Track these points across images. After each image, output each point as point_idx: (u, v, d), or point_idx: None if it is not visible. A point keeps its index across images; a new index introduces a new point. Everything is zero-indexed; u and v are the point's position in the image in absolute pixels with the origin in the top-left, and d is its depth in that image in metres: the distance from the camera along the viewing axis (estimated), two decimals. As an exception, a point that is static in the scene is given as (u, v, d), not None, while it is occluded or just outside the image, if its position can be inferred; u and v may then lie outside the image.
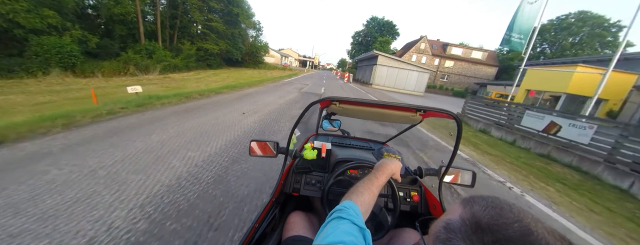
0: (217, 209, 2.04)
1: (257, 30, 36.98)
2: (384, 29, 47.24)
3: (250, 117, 5.23)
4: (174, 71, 16.36)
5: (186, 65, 18.44)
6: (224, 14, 25.97)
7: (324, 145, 1.33)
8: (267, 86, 12.28)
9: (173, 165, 2.74)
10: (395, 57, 21.49)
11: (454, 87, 33.21)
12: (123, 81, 10.91)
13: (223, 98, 7.37)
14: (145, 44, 16.01)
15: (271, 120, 5.20)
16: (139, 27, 15.93)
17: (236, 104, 6.62)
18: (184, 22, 21.70)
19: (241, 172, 2.74)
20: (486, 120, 7.64)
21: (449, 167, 1.15)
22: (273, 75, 21.10)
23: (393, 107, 1.04)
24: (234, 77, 17.82)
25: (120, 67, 12.11)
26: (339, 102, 1.07)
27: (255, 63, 34.88)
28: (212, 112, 5.39)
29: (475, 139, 6.33)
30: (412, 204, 1.19)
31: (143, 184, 2.31)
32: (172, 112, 5.22)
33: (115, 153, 2.89)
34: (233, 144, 3.59)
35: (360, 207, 0.62)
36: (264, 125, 4.76)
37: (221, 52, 25.78)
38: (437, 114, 1.05)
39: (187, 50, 18.91)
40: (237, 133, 4.12)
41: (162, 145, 3.29)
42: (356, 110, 1.19)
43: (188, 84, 11.47)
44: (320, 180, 1.22)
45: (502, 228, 0.32)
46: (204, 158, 3.00)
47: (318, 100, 1.09)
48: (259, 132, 4.37)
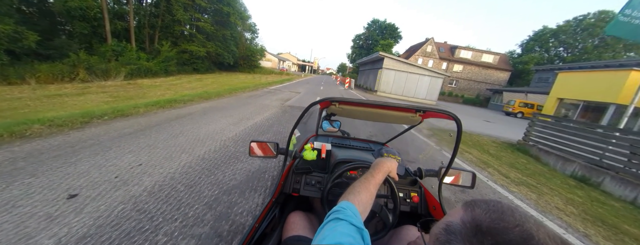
0: None
1: (253, 33, 34.89)
2: (385, 32, 45.31)
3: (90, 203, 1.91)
4: (146, 76, 13.88)
5: (164, 69, 15.98)
6: (214, 14, 23.72)
7: (324, 146, 1.34)
8: (243, 96, 9.45)
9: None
10: (404, 59, 18.98)
11: (464, 93, 30.81)
12: (60, 89, 8.42)
13: (146, 121, 4.46)
14: (112, 45, 13.58)
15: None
16: (104, 25, 13.50)
17: (143, 138, 3.48)
18: (167, 21, 19.34)
19: None
20: (582, 156, 4.38)
21: (449, 168, 1.13)
22: (265, 81, 18.67)
23: (393, 107, 1.06)
24: (220, 82, 15.48)
25: (65, 71, 9.60)
26: (338, 103, 1.10)
27: (251, 67, 32.66)
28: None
29: (599, 209, 3.12)
30: (412, 204, 1.18)
31: None
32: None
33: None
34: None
35: (358, 206, 0.62)
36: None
37: (210, 55, 23.41)
38: (436, 115, 1.06)
39: (166, 52, 16.48)
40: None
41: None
42: (356, 110, 1.21)
43: (151, 93, 9.02)
44: (320, 180, 1.21)
45: (502, 232, 0.32)
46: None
47: (318, 101, 1.09)
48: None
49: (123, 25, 15.16)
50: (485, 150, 5.22)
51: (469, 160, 4.40)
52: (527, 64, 29.85)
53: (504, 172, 3.90)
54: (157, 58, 16.17)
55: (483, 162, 4.33)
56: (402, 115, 1.18)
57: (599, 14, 26.63)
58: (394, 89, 19.17)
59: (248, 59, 32.80)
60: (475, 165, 4.17)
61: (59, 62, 10.13)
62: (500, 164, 4.31)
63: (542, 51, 31.72)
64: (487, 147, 5.50)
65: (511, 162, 4.54)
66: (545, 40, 30.54)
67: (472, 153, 4.87)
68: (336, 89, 19.28)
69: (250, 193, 2.33)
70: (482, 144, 5.81)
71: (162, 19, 19.19)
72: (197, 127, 4.36)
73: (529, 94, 20.22)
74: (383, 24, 45.26)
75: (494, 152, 5.06)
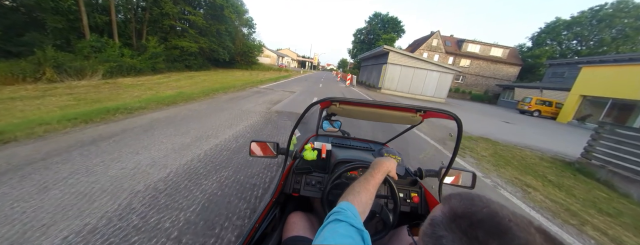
0: None
1: (250, 28, 33.47)
2: (387, 26, 43.65)
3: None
4: (128, 74, 12.68)
5: (151, 66, 14.76)
6: (207, 7, 22.33)
7: (324, 146, 1.34)
8: (223, 98, 7.83)
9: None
10: (411, 53, 17.52)
11: (471, 89, 29.38)
12: (18, 91, 7.26)
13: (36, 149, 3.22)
14: (91, 41, 12.35)
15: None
16: (81, 18, 12.24)
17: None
18: (155, 15, 18.01)
19: None
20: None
21: (449, 169, 1.13)
22: (261, 78, 17.43)
23: (393, 107, 1.05)
24: (212, 80, 14.32)
25: (28, 70, 8.41)
26: (339, 103, 1.10)
27: (248, 64, 31.39)
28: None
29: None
30: (412, 205, 1.18)
31: None
32: None
33: None
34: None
35: (358, 207, 0.63)
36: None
37: (204, 51, 22.12)
38: (437, 115, 1.06)
39: (153, 49, 15.22)
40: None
41: None
42: (356, 110, 1.20)
43: (125, 94, 7.86)
44: (321, 180, 1.21)
45: (474, 214, 0.37)
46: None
47: (318, 101, 1.08)
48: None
49: (104, 19, 13.88)
50: (540, 173, 3.93)
51: (540, 203, 2.95)
52: (539, 58, 28.28)
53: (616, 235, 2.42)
54: (143, 55, 14.92)
55: (561, 205, 2.91)
56: (402, 115, 1.17)
57: (617, 3, 24.92)
58: (400, 85, 17.80)
59: (245, 55, 31.50)
60: (558, 217, 2.66)
61: (23, 60, 8.93)
62: (589, 211, 2.84)
63: (554, 44, 30.08)
64: (539, 169, 4.22)
65: (591, 200, 3.16)
66: (558, 33, 28.86)
67: (527, 181, 3.54)
68: (336, 87, 17.96)
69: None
70: (529, 163, 4.53)
71: (149, 13, 17.87)
72: (114, 160, 2.71)
73: (544, 91, 18.83)
74: (385, 18, 43.61)
75: (555, 179, 3.76)
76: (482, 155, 4.81)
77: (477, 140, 6.24)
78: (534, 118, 15.25)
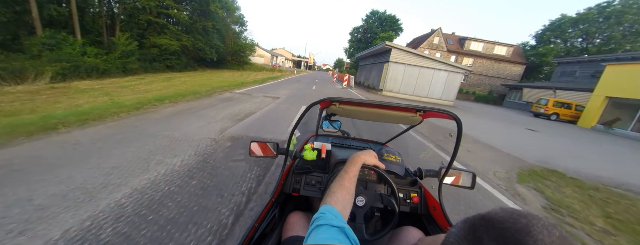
0: None
1: (242, 26, 31.61)
2: (385, 24, 42.15)
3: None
4: (89, 76, 10.75)
5: (122, 67, 12.84)
6: (192, 2, 20.43)
7: (324, 146, 1.35)
8: (169, 110, 5.39)
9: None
10: (416, 51, 15.81)
11: (475, 90, 27.99)
12: None
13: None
14: (43, 37, 10.39)
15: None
16: (30, 10, 10.28)
17: None
18: (129, 9, 16.06)
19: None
20: None
21: (449, 169, 1.13)
22: (250, 79, 15.63)
23: (393, 107, 1.06)
24: (191, 83, 12.56)
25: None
26: (339, 103, 1.10)
27: (240, 64, 29.56)
28: None
29: None
30: (412, 205, 1.17)
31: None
32: None
33: None
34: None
35: (336, 206, 0.64)
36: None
37: (188, 50, 20.19)
38: (437, 115, 1.06)
39: (123, 47, 13.29)
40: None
41: None
42: (356, 111, 1.19)
43: (71, 102, 6.08)
44: (321, 181, 1.21)
45: (493, 219, 0.35)
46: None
47: (318, 101, 1.08)
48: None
49: (62, 11, 11.92)
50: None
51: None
52: (546, 57, 27.02)
53: None
54: (112, 54, 12.99)
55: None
56: (402, 115, 1.17)
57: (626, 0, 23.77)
58: (404, 87, 16.12)
59: (237, 54, 29.64)
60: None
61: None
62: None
63: (560, 42, 28.87)
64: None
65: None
66: (564, 30, 27.64)
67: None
68: (332, 89, 16.17)
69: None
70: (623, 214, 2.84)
71: (123, 7, 15.90)
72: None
73: (558, 91, 17.42)
74: (383, 16, 42.12)
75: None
76: (596, 227, 2.54)
77: (549, 178, 3.98)
78: (553, 122, 13.76)
